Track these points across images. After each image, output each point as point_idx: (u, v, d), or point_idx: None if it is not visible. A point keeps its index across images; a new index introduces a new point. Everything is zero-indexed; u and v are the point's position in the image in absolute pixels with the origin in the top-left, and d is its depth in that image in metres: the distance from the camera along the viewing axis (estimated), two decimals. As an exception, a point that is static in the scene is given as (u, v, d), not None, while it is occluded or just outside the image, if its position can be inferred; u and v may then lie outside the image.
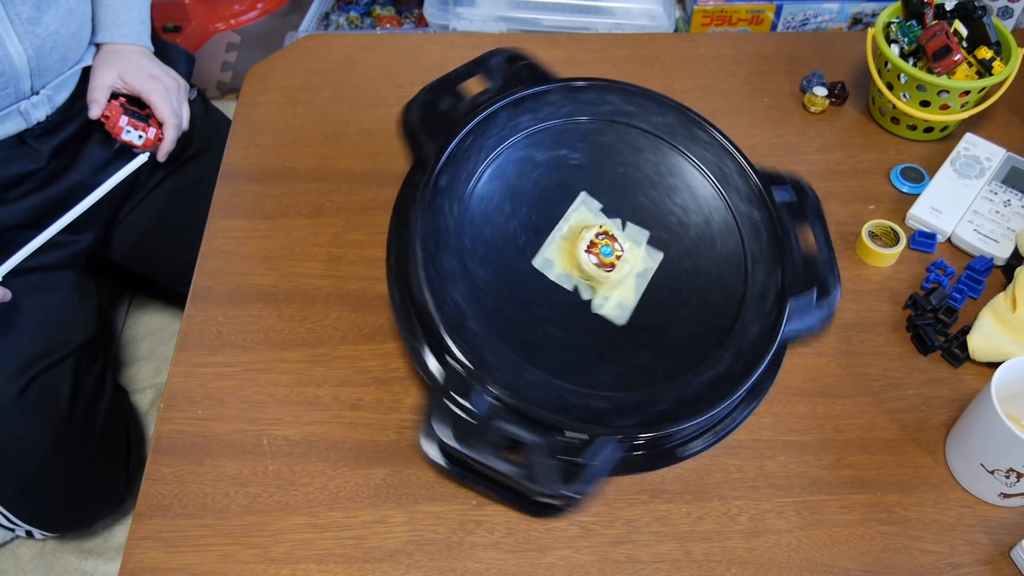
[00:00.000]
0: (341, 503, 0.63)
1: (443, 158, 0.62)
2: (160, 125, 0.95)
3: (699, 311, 0.65)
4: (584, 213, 0.67)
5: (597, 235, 0.66)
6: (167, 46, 1.07)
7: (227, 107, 1.48)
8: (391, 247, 0.63)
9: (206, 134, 1.09)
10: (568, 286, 0.65)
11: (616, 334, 0.64)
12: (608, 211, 0.68)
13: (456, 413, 0.57)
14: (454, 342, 0.57)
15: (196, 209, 0.85)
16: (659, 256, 0.68)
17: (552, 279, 0.64)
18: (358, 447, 0.66)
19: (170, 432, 0.66)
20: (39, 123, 0.91)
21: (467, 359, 0.57)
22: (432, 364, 0.59)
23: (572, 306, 0.64)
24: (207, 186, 0.84)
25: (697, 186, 0.70)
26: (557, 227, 0.66)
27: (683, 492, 0.64)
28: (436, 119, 0.65)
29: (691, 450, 0.62)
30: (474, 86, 0.69)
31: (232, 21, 1.87)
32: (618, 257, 0.65)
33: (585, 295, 0.65)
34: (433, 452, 0.59)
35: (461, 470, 0.60)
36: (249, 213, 0.81)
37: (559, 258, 0.65)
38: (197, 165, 1.08)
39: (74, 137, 0.96)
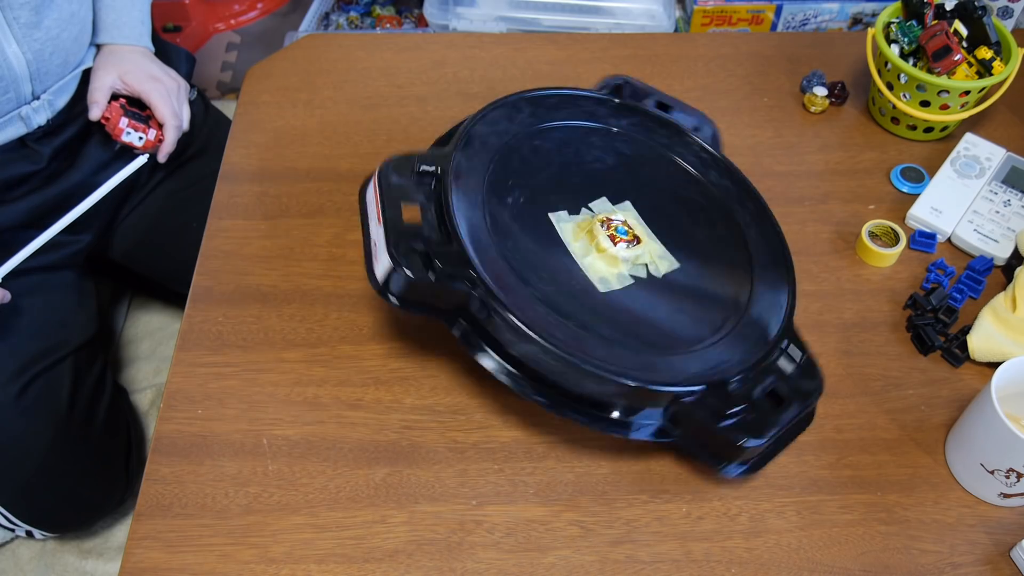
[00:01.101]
0: (341, 503, 0.63)
1: (491, 283, 0.60)
2: (160, 126, 0.95)
3: (689, 208, 0.72)
4: (567, 227, 0.68)
5: (601, 226, 0.66)
6: (167, 46, 1.07)
7: (227, 107, 1.48)
8: (528, 392, 0.61)
9: (206, 134, 1.09)
10: (629, 282, 0.66)
11: (688, 274, 0.67)
12: (571, 211, 0.69)
13: (735, 424, 0.59)
14: (686, 384, 0.59)
15: (196, 209, 0.85)
16: (627, 205, 0.71)
17: (619, 287, 0.65)
18: (358, 447, 0.66)
19: (170, 432, 0.66)
20: (40, 127, 0.91)
21: (704, 382, 0.59)
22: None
23: (648, 290, 0.66)
24: (207, 186, 0.83)
25: (590, 137, 0.74)
26: (572, 254, 0.66)
27: (683, 492, 0.64)
28: (435, 262, 0.61)
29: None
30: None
31: (232, 21, 1.87)
32: (628, 227, 0.67)
33: (643, 274, 0.66)
34: (746, 470, 0.61)
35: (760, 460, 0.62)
36: (249, 213, 0.81)
37: (603, 269, 0.65)
38: (197, 165, 1.08)
39: (74, 138, 0.96)
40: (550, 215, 0.68)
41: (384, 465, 0.65)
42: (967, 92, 0.82)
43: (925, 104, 0.84)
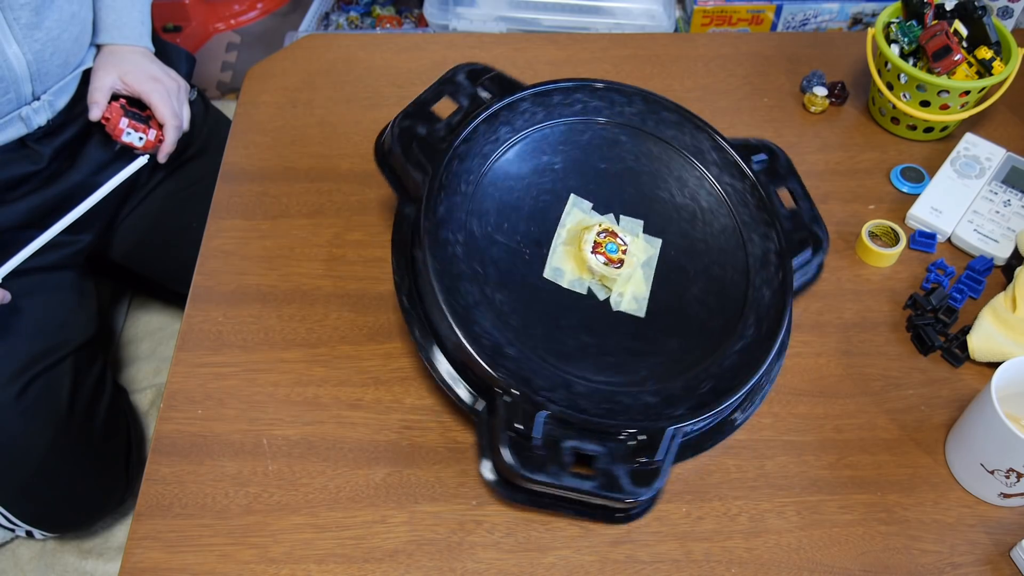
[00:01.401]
0: (341, 503, 0.63)
1: (436, 187, 0.62)
2: (161, 126, 0.95)
3: (709, 287, 0.67)
4: (578, 215, 0.67)
5: (599, 234, 0.66)
6: (167, 46, 1.07)
7: (227, 107, 1.48)
8: (401, 287, 0.62)
9: (206, 134, 1.09)
10: (582, 290, 0.65)
11: (641, 326, 0.65)
12: (599, 208, 0.68)
13: (519, 444, 0.56)
14: (500, 373, 0.57)
15: (196, 209, 0.85)
16: (658, 243, 0.68)
17: (565, 287, 0.64)
18: (358, 447, 0.66)
19: (170, 432, 0.66)
20: (40, 127, 0.91)
21: (518, 388, 0.56)
22: (467, 397, 0.60)
23: (592, 308, 0.64)
24: (207, 186, 0.83)
25: (678, 168, 0.70)
26: (557, 234, 0.66)
27: (683, 492, 0.64)
28: (416, 148, 0.64)
29: (742, 417, 0.64)
30: (445, 108, 0.68)
31: (232, 21, 1.87)
32: (623, 252, 0.66)
33: (601, 295, 0.65)
34: (502, 489, 0.59)
35: (532, 497, 0.60)
36: (249, 213, 0.81)
37: (567, 264, 0.65)
38: (197, 165, 1.08)
39: (75, 139, 0.96)
40: (572, 195, 0.67)
41: (384, 465, 0.65)
42: (967, 92, 0.82)
43: (925, 104, 0.84)
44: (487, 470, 0.58)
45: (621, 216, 0.68)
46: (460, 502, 0.63)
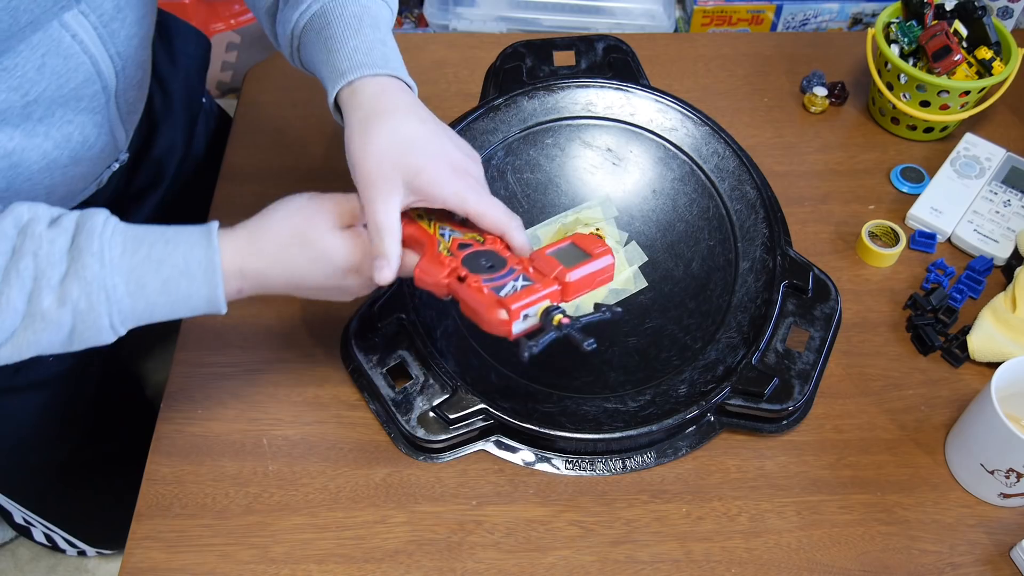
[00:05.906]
0: (341, 503, 0.63)
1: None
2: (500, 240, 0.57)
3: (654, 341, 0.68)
4: (595, 213, 0.67)
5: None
6: (178, 24, 0.86)
7: (227, 107, 1.47)
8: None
9: (211, 142, 1.07)
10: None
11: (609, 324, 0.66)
12: (620, 223, 0.68)
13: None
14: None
15: (196, 215, 0.83)
16: (643, 284, 0.69)
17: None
18: (358, 447, 0.66)
19: (170, 432, 0.66)
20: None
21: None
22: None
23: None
24: (207, 190, 0.83)
25: (714, 227, 0.70)
26: (564, 212, 0.66)
27: (683, 492, 0.64)
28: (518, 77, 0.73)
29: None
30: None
31: (232, 21, 1.86)
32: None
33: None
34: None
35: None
36: (249, 213, 0.81)
37: (546, 239, 0.65)
38: (199, 169, 1.06)
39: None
40: (608, 196, 0.70)
41: (384, 465, 0.65)
42: (967, 92, 0.82)
43: (925, 104, 0.84)
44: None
45: (633, 242, 0.69)
46: (460, 502, 0.63)
